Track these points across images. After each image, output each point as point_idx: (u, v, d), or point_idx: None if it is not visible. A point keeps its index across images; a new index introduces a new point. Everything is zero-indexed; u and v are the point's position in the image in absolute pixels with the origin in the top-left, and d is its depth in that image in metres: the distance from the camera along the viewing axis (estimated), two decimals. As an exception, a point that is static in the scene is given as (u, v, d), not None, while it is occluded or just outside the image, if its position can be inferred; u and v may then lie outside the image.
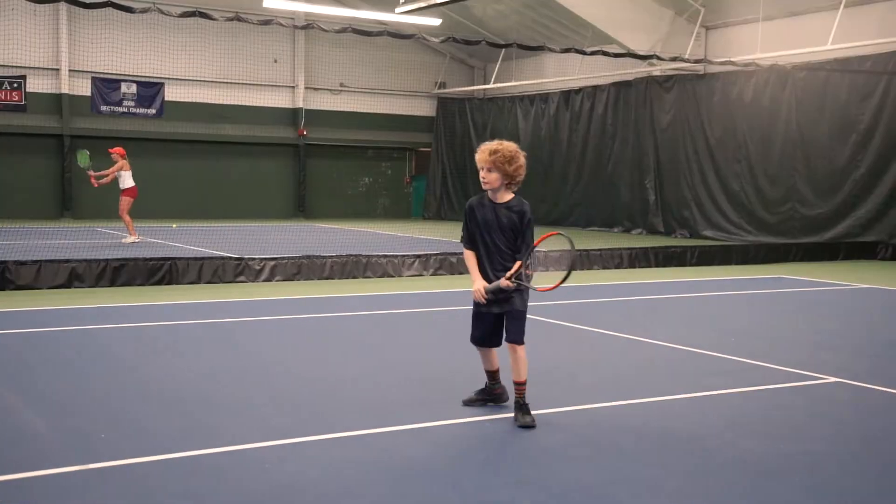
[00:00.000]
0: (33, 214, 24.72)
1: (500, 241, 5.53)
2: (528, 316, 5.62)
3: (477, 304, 5.63)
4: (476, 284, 5.54)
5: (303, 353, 7.89)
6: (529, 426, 5.40)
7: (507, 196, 5.57)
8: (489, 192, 5.58)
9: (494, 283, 5.45)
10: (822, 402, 6.39)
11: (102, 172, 17.68)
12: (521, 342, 5.55)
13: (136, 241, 17.26)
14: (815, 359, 7.78)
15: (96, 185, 18.03)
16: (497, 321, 5.64)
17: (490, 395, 5.89)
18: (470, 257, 5.66)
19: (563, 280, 5.49)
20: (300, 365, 7.29)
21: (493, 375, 5.85)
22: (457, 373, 6.68)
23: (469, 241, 5.67)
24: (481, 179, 5.54)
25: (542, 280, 5.64)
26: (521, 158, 5.50)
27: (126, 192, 17.58)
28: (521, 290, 5.50)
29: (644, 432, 5.42)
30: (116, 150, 17.69)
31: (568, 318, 9.58)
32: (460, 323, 6.26)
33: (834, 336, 9.10)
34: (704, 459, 4.94)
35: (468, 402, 5.87)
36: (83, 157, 18.17)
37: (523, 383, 5.52)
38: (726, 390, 6.56)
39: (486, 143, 5.57)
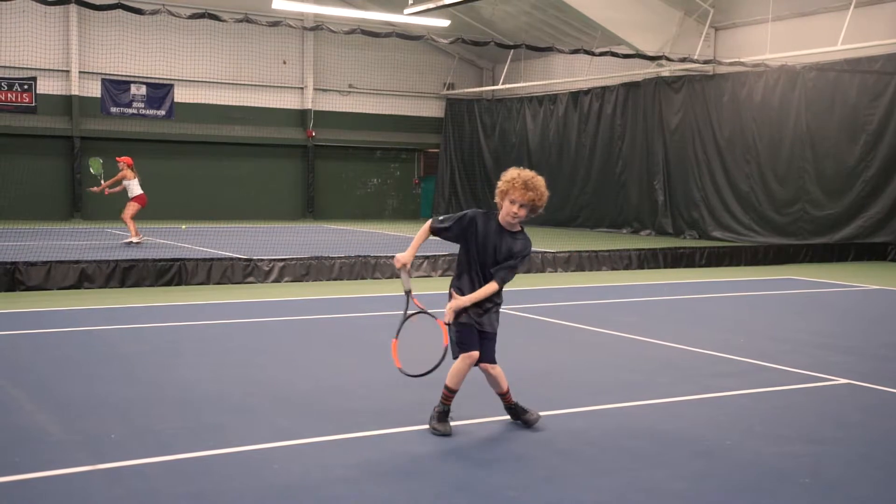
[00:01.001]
0: (43, 215, 24.81)
1: (489, 261, 5.28)
2: (534, 317, 5.60)
3: (456, 318, 5.26)
4: (404, 257, 5.25)
5: (311, 354, 7.90)
6: (532, 422, 5.42)
7: (518, 226, 5.34)
8: (500, 214, 5.29)
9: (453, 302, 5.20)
10: (830, 403, 6.38)
11: (110, 181, 17.68)
12: (495, 361, 5.41)
13: (138, 241, 17.18)
14: (823, 360, 7.76)
15: (107, 194, 18.04)
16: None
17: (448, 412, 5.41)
18: (425, 232, 5.33)
19: (428, 373, 5.20)
20: (308, 366, 7.31)
21: (453, 395, 5.39)
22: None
23: (446, 234, 5.32)
24: (514, 214, 5.19)
25: (413, 363, 5.30)
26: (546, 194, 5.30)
27: (135, 199, 17.59)
28: (490, 311, 5.30)
29: (652, 433, 5.42)
30: (123, 159, 17.71)
31: (576, 320, 9.56)
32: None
33: (843, 338, 9.07)
34: (713, 461, 4.93)
35: (442, 432, 5.29)
36: (95, 164, 18.35)
37: (507, 391, 5.48)
38: (735, 391, 6.55)
39: (521, 174, 5.21)
